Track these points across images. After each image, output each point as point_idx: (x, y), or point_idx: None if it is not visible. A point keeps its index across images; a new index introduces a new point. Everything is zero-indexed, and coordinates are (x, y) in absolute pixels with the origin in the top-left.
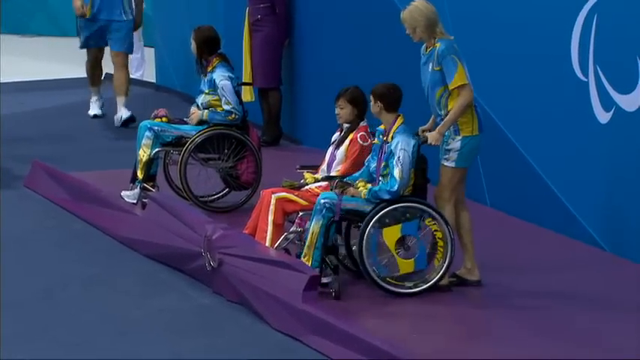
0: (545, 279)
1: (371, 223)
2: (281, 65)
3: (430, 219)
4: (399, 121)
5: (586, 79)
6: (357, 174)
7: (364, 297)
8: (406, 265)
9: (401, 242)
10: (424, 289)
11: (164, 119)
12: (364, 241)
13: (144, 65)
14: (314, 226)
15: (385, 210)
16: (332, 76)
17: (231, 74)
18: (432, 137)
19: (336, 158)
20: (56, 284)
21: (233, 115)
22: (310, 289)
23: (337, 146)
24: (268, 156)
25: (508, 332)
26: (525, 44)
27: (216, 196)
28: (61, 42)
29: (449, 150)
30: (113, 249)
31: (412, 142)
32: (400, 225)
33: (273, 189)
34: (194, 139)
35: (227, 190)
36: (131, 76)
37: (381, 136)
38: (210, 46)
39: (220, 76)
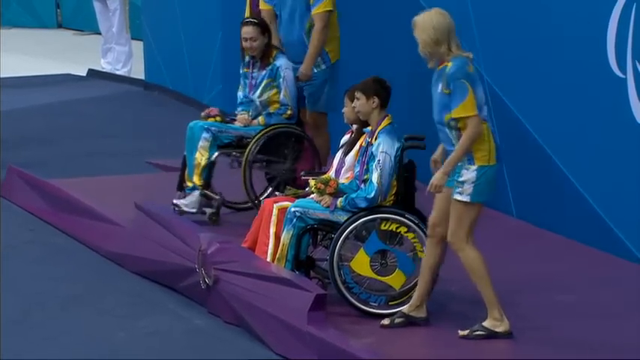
0: (577, 298)
1: (343, 236)
2: None
3: (411, 234)
4: (387, 121)
5: (624, 76)
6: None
7: (375, 319)
8: (396, 279)
9: (374, 262)
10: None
11: (217, 118)
12: (335, 256)
13: (131, 60)
14: (284, 237)
15: (362, 220)
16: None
17: (294, 65)
18: (435, 179)
19: (346, 164)
20: (34, 304)
21: (289, 112)
22: (316, 309)
23: (347, 151)
24: None
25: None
26: (556, 39)
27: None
28: (39, 34)
29: (462, 182)
30: (97, 265)
31: (396, 144)
32: (362, 249)
33: (275, 198)
34: (257, 138)
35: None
36: (117, 72)
37: (367, 138)
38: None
39: (286, 64)
